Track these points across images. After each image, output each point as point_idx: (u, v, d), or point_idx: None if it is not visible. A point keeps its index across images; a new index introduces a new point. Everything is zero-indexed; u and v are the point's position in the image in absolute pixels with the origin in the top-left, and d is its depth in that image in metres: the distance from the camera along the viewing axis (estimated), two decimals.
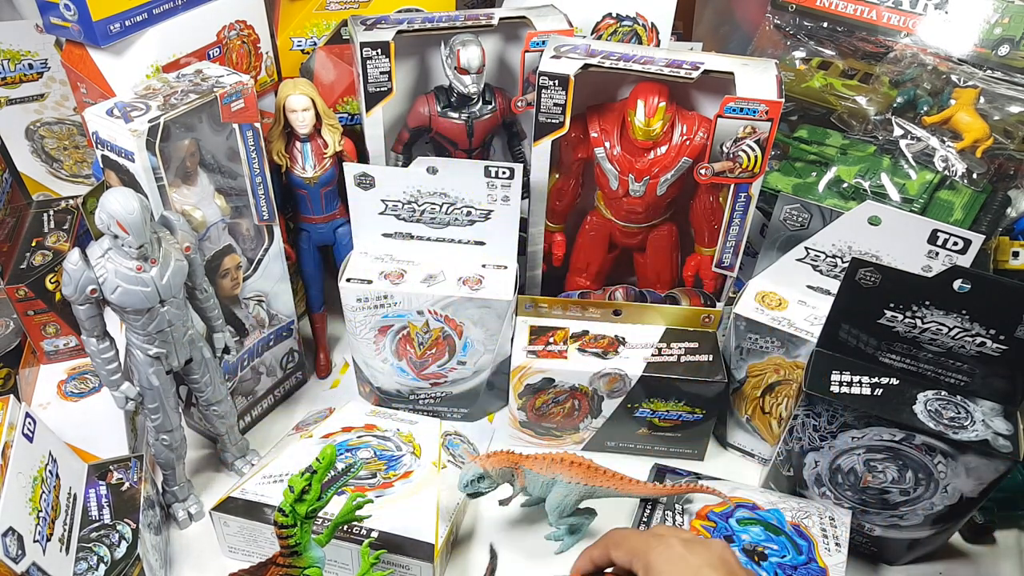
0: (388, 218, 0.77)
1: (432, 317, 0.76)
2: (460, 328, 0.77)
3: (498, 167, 0.72)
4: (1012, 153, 0.79)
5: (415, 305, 0.75)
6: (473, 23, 0.76)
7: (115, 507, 0.66)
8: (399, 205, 0.76)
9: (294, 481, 0.55)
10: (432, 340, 0.78)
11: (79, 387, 0.86)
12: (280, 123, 0.77)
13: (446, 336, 0.77)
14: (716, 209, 0.75)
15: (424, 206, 0.76)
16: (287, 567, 0.56)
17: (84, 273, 0.59)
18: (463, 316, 0.76)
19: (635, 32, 0.88)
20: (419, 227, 0.77)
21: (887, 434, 0.61)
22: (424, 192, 0.75)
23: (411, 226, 0.78)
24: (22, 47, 0.92)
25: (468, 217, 0.76)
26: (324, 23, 0.88)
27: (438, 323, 0.76)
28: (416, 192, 0.75)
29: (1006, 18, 0.81)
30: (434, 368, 0.80)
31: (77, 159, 1.01)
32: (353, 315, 0.77)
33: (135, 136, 0.60)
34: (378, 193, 0.75)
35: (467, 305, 0.75)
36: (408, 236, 0.78)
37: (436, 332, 0.77)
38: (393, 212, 0.77)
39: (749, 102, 0.65)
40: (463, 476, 0.66)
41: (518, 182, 0.73)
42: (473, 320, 0.76)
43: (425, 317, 0.76)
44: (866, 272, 0.60)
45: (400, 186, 0.75)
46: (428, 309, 0.75)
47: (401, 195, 0.75)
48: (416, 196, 0.75)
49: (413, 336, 0.78)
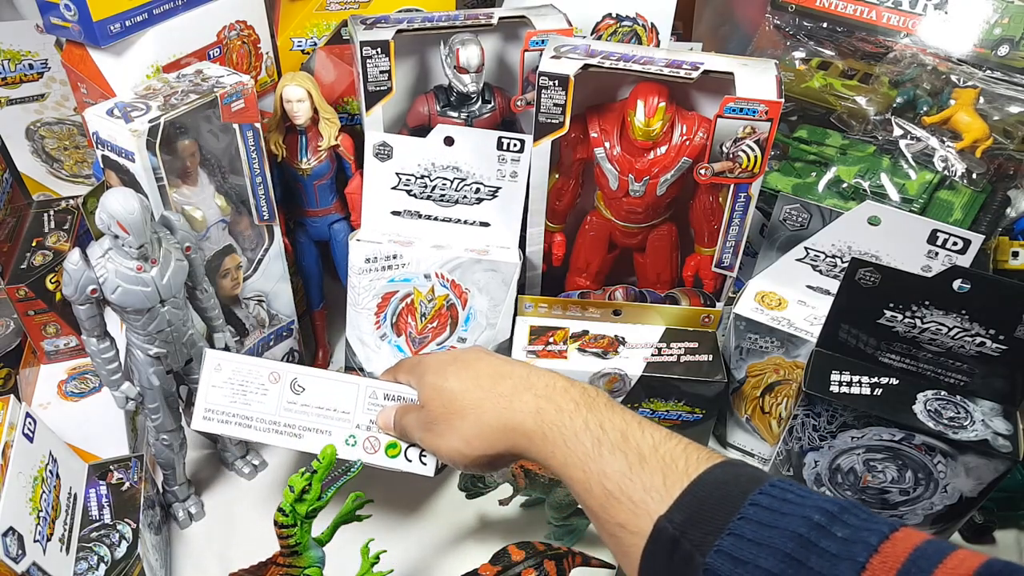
0: (399, 194, 0.78)
1: (439, 282, 0.77)
2: (465, 296, 0.77)
3: (510, 138, 0.74)
4: (1012, 153, 0.79)
5: (423, 268, 0.76)
6: (472, 22, 0.76)
7: (115, 507, 0.66)
8: (412, 180, 0.77)
9: (294, 481, 0.55)
10: (435, 311, 0.78)
11: (79, 387, 0.86)
12: (279, 114, 0.78)
13: (450, 306, 0.78)
14: (716, 209, 0.75)
15: (436, 181, 0.77)
16: (287, 567, 0.56)
17: (84, 273, 0.59)
18: (470, 281, 0.77)
19: (635, 32, 0.88)
20: (428, 204, 0.79)
21: (887, 434, 0.61)
22: (438, 166, 0.76)
23: (421, 203, 0.79)
24: (22, 47, 0.92)
25: (476, 195, 0.77)
26: (324, 23, 0.88)
27: (444, 289, 0.77)
28: (430, 166, 0.76)
29: (1006, 18, 0.81)
30: (432, 347, 0.80)
31: (77, 159, 1.01)
32: (358, 279, 0.77)
33: (135, 136, 0.60)
34: (393, 165, 0.77)
35: (475, 268, 0.76)
36: (416, 215, 0.79)
37: (440, 301, 0.78)
38: (405, 188, 0.78)
39: (749, 102, 0.65)
40: (463, 476, 0.66)
41: (527, 155, 0.75)
42: (479, 286, 0.77)
43: (431, 282, 0.77)
44: (866, 272, 0.60)
45: (416, 159, 0.76)
46: (436, 272, 0.76)
47: (416, 168, 0.77)
48: (430, 170, 0.77)
49: (416, 305, 0.78)
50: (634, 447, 0.45)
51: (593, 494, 0.45)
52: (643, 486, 0.42)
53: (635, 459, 0.44)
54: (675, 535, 0.39)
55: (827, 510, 0.37)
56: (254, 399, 0.63)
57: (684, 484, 0.41)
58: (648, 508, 0.41)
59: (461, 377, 0.54)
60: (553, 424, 0.48)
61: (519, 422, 0.50)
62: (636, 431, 0.46)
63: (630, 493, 0.43)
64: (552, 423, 0.48)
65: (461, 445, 0.52)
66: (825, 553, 0.36)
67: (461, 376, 0.54)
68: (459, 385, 0.54)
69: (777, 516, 0.38)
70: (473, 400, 0.52)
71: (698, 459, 0.43)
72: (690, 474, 0.42)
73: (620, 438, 0.45)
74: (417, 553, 0.71)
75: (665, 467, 0.43)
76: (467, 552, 0.71)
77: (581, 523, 0.70)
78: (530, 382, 0.52)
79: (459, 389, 0.54)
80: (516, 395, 0.51)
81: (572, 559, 0.60)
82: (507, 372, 0.53)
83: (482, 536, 0.73)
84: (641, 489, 0.42)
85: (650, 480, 0.42)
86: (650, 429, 0.46)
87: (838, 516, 0.37)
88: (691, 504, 0.40)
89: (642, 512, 0.42)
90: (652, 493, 0.42)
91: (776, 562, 0.36)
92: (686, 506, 0.40)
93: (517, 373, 0.53)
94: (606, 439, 0.46)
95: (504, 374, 0.53)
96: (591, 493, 0.45)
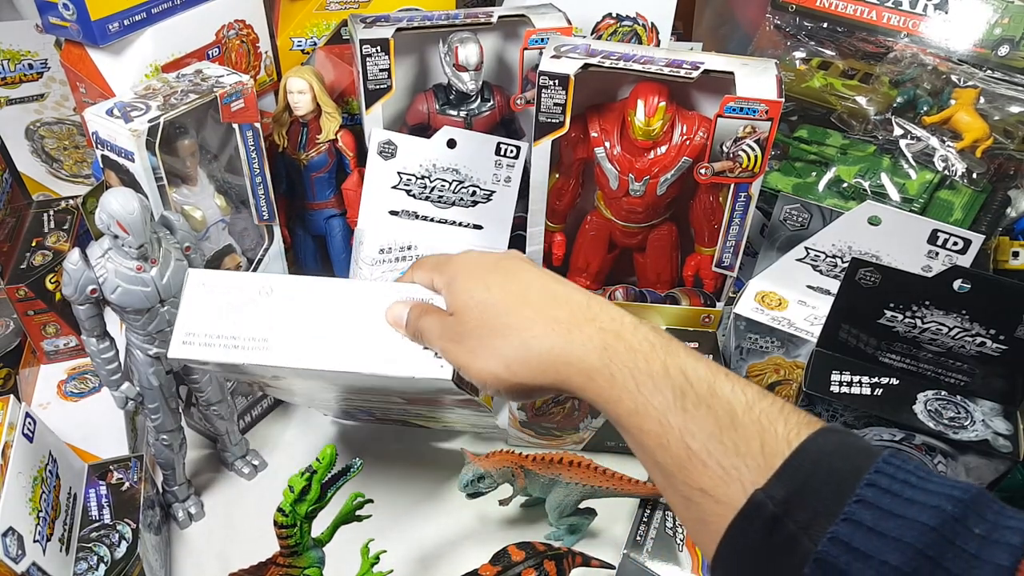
0: (399, 193, 0.79)
1: None
2: None
3: (507, 144, 0.76)
4: (1012, 153, 0.79)
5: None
6: (472, 21, 0.76)
7: (115, 507, 0.66)
8: (412, 180, 0.78)
9: (294, 481, 0.55)
10: None
11: (79, 387, 0.86)
12: (283, 106, 0.80)
13: None
14: (716, 209, 0.75)
15: (436, 182, 0.78)
16: (287, 567, 0.56)
17: (84, 273, 0.59)
18: None
19: (635, 32, 0.88)
20: (426, 205, 0.79)
21: (887, 434, 0.61)
22: (439, 167, 0.77)
23: (419, 204, 0.79)
24: (22, 47, 0.92)
25: (472, 197, 0.78)
26: (324, 23, 0.88)
27: None
28: (431, 167, 0.77)
29: (1006, 18, 0.80)
30: None
31: (77, 159, 1.01)
32: (370, 271, 0.77)
33: (135, 136, 0.60)
34: (396, 164, 0.77)
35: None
36: (414, 215, 0.80)
37: None
38: (405, 187, 0.79)
39: (749, 102, 0.64)
40: (463, 476, 0.66)
41: (521, 161, 0.76)
42: None
43: None
44: (866, 272, 0.59)
45: (418, 159, 0.77)
46: None
47: (417, 168, 0.78)
48: (431, 171, 0.77)
49: None
50: (724, 403, 0.38)
51: (670, 450, 0.39)
52: (736, 450, 0.37)
53: (726, 417, 0.38)
54: (776, 513, 0.35)
55: (959, 499, 0.33)
56: (243, 316, 0.52)
57: (785, 453, 0.36)
58: (741, 476, 0.36)
59: (507, 290, 0.46)
60: (624, 365, 0.41)
61: (579, 357, 0.43)
62: (724, 384, 0.40)
63: (719, 457, 0.37)
64: (623, 364, 0.41)
65: (499, 368, 0.45)
66: (963, 553, 0.31)
67: (507, 288, 0.46)
68: (504, 299, 0.46)
69: (901, 503, 0.33)
70: (521, 321, 0.45)
71: (798, 423, 0.37)
72: (791, 441, 0.36)
73: (707, 391, 0.39)
74: (417, 553, 0.71)
75: (762, 431, 0.37)
76: (467, 552, 0.71)
77: (581, 523, 0.70)
78: (592, 311, 0.45)
79: (503, 304, 0.46)
80: (576, 325, 0.44)
81: (572, 559, 0.60)
82: (562, 295, 0.46)
83: (482, 536, 0.73)
84: (733, 453, 0.37)
85: (745, 444, 0.37)
86: (740, 383, 0.40)
87: (972, 507, 0.33)
88: (795, 478, 0.35)
89: (733, 480, 0.36)
90: (747, 460, 0.36)
91: (905, 558, 0.31)
92: (789, 480, 0.35)
93: (575, 299, 0.46)
94: (691, 390, 0.39)
95: (559, 297, 0.46)
96: (666, 449, 0.39)
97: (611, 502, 0.70)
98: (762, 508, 0.35)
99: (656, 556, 0.62)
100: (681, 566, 0.62)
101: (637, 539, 0.64)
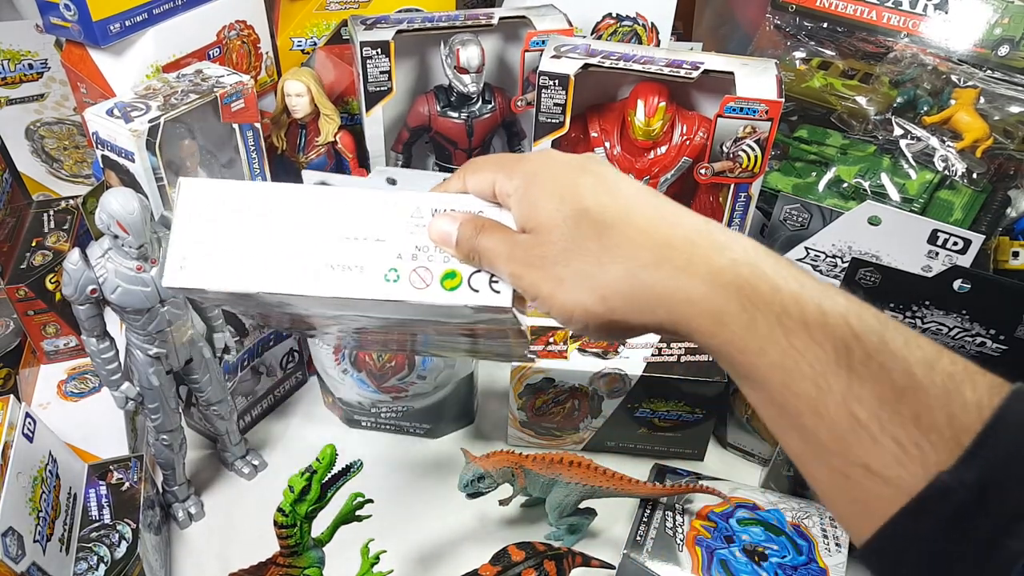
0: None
1: None
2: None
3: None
4: (1012, 153, 0.79)
5: None
6: (473, 23, 0.76)
7: (115, 507, 0.66)
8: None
9: (294, 481, 0.55)
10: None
11: (79, 387, 0.86)
12: (281, 108, 0.79)
13: None
14: (716, 209, 0.75)
15: None
16: (287, 567, 0.56)
17: (84, 273, 0.59)
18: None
19: (635, 32, 0.88)
20: None
21: None
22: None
23: None
24: (22, 47, 0.92)
25: None
26: (324, 23, 0.88)
27: None
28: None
29: (1006, 18, 0.81)
30: (394, 381, 0.78)
31: (77, 159, 1.01)
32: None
33: (135, 136, 0.60)
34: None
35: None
36: None
37: None
38: None
39: (749, 102, 0.65)
40: (463, 476, 0.66)
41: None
42: None
43: None
44: (866, 272, 0.59)
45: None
46: None
47: None
48: None
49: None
50: (901, 361, 0.30)
51: (827, 418, 0.31)
52: (916, 421, 0.29)
53: (903, 380, 0.30)
54: (966, 503, 0.28)
55: None
56: (250, 235, 0.42)
57: (977, 426, 0.28)
58: (923, 454, 0.29)
59: (602, 202, 0.36)
60: (771, 310, 0.32)
61: (705, 296, 0.33)
62: (897, 336, 0.31)
63: (894, 430, 0.29)
64: (769, 308, 0.32)
65: (592, 302, 0.36)
66: None
67: (602, 201, 0.36)
68: (601, 214, 0.36)
69: None
70: (625, 243, 0.35)
71: (989, 385, 0.29)
72: (982, 409, 0.29)
73: (878, 345, 0.31)
74: (417, 553, 0.71)
75: (948, 397, 0.29)
76: (467, 552, 0.71)
77: (581, 523, 0.70)
78: (716, 238, 0.35)
79: (601, 221, 0.36)
80: (700, 254, 0.34)
81: (572, 559, 0.60)
82: (672, 215, 0.36)
83: (482, 536, 0.73)
84: (913, 425, 0.29)
85: (928, 415, 0.29)
86: (912, 335, 0.31)
87: None
88: (993, 459, 0.28)
89: (912, 459, 0.29)
90: (931, 434, 0.29)
91: None
92: (985, 460, 0.28)
93: (690, 222, 0.36)
94: (857, 345, 0.31)
95: (669, 217, 0.36)
96: (822, 417, 0.31)
97: (611, 502, 0.70)
98: (949, 495, 0.28)
99: (656, 556, 0.62)
100: (681, 566, 0.62)
101: (637, 539, 0.64)
